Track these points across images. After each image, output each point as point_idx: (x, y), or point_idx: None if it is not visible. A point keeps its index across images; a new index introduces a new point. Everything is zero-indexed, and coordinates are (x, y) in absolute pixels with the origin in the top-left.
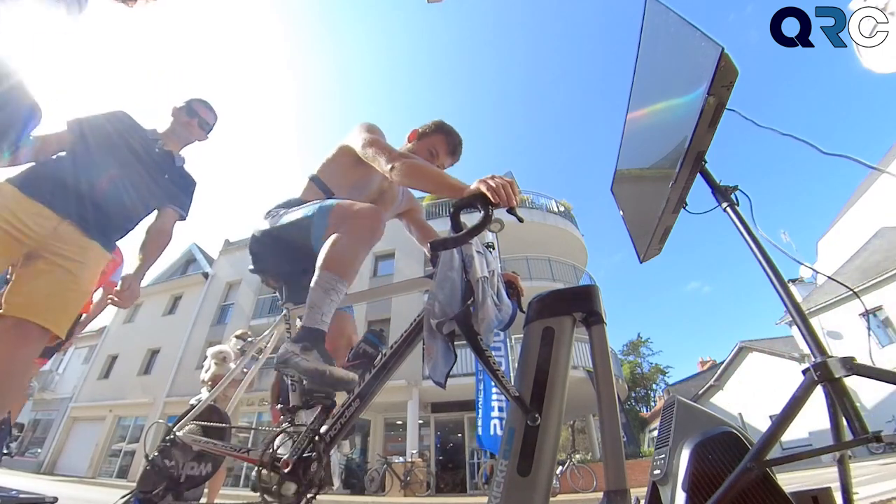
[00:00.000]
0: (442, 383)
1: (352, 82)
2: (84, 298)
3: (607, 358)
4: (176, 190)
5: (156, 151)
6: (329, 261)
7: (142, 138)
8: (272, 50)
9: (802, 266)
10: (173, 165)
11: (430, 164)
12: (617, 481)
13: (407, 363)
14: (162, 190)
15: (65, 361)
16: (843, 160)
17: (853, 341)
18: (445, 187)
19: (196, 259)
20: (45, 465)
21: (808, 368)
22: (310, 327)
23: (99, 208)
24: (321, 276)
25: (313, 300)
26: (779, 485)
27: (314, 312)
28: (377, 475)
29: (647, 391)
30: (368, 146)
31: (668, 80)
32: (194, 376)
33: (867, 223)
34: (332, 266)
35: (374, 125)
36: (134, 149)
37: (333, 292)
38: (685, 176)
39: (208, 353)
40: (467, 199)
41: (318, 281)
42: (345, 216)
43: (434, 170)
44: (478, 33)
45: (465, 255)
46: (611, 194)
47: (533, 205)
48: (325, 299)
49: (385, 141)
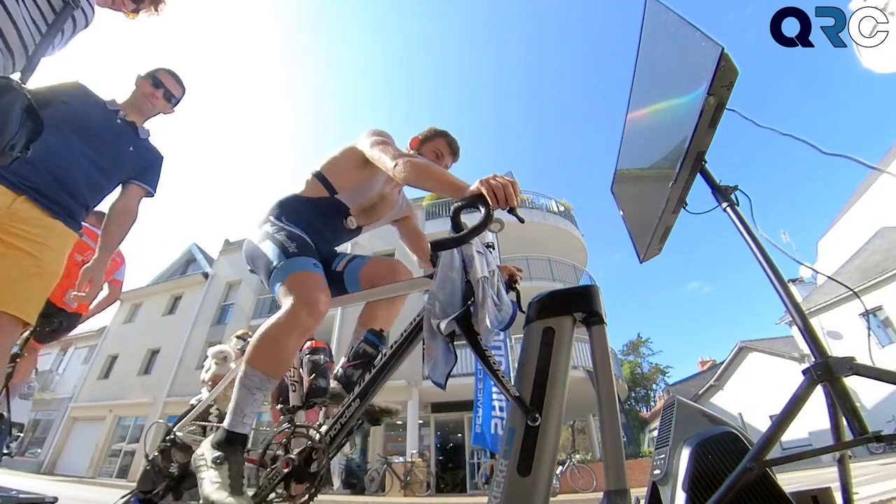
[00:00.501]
0: (442, 384)
1: (350, 82)
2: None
3: (607, 358)
4: (142, 164)
5: (117, 122)
6: (255, 356)
7: (100, 108)
8: (272, 50)
9: (802, 266)
10: (138, 138)
11: (433, 163)
12: (617, 481)
13: (407, 363)
14: (127, 164)
15: (65, 361)
16: (843, 160)
17: (853, 341)
18: (449, 186)
19: (196, 259)
20: (45, 465)
21: (808, 368)
22: (231, 431)
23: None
24: (246, 373)
25: (237, 400)
26: (779, 485)
27: (236, 415)
28: (377, 475)
29: (647, 391)
30: (376, 147)
31: (668, 80)
32: (194, 376)
33: (867, 223)
34: (257, 363)
35: (384, 131)
36: (93, 118)
37: (259, 391)
38: (685, 176)
39: (209, 353)
40: (468, 199)
41: (242, 379)
42: (290, 294)
43: (438, 168)
44: (477, 33)
45: (466, 256)
46: (611, 194)
47: (533, 205)
48: (249, 398)
49: (393, 144)
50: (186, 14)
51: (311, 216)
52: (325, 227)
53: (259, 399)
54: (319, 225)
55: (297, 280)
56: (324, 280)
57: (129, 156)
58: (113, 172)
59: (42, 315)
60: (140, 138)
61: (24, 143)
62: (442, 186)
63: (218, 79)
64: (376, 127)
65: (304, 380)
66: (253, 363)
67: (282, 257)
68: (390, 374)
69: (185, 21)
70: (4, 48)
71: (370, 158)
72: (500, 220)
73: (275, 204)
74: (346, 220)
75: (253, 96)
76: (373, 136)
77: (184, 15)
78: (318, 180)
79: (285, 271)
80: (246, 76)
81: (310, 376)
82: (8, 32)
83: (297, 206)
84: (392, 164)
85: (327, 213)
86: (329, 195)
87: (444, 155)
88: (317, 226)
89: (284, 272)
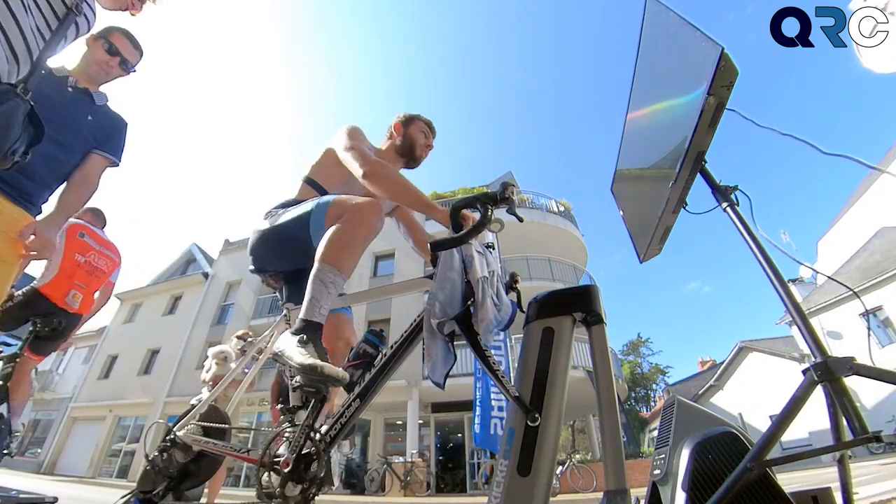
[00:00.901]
0: (441, 384)
1: (349, 81)
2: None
3: (607, 358)
4: (103, 133)
5: (68, 91)
6: (327, 253)
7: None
8: (272, 50)
9: (802, 266)
10: (93, 105)
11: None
12: (617, 481)
13: (407, 363)
14: (86, 134)
15: (65, 361)
16: (843, 160)
17: (853, 341)
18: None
19: (196, 259)
20: (45, 465)
21: (808, 368)
22: (308, 319)
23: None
24: (320, 269)
25: (312, 292)
26: (779, 485)
27: (313, 305)
28: (377, 475)
29: (647, 391)
30: (346, 152)
31: (668, 80)
32: (194, 376)
33: (867, 223)
34: (330, 258)
35: (355, 128)
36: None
37: (332, 285)
38: (685, 176)
39: (209, 353)
40: (468, 199)
41: (316, 273)
42: (343, 209)
43: (408, 185)
44: (477, 32)
45: (466, 256)
46: (611, 194)
47: (533, 205)
48: (324, 292)
49: (364, 145)
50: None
51: None
52: None
53: (332, 293)
54: None
55: (343, 199)
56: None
57: (88, 125)
58: (72, 145)
59: (42, 315)
60: (97, 105)
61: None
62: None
63: (218, 79)
64: (350, 125)
65: None
66: (327, 259)
67: (311, 203)
68: (390, 374)
69: (185, 21)
70: (11, 55)
71: (343, 162)
72: (500, 220)
73: (274, 205)
74: None
75: (253, 96)
76: (344, 140)
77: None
78: (308, 184)
79: (324, 205)
80: (246, 76)
81: None
82: (15, 40)
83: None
84: (360, 171)
85: None
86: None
87: (429, 133)
88: None
89: (324, 206)
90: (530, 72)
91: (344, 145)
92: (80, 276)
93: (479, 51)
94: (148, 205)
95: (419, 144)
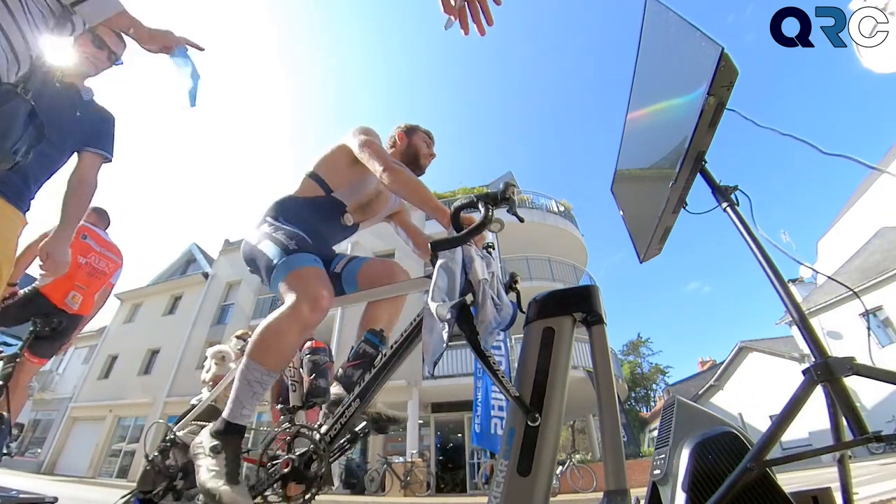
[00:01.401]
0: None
1: (348, 81)
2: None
3: (607, 358)
4: (92, 129)
5: (55, 85)
6: (257, 349)
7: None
8: (272, 50)
9: (802, 266)
10: (81, 100)
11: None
12: (617, 481)
13: (407, 363)
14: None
15: (65, 361)
16: (843, 160)
17: (853, 341)
18: (430, 205)
19: (196, 259)
20: (45, 465)
21: (808, 368)
22: (230, 422)
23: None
24: (247, 366)
25: (237, 392)
26: (779, 485)
27: (236, 407)
28: (377, 475)
29: (647, 391)
30: (365, 148)
31: (668, 80)
32: (194, 376)
33: (867, 223)
34: (258, 355)
35: (370, 128)
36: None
37: (258, 384)
38: (685, 176)
39: (208, 354)
40: (469, 199)
41: (243, 371)
42: (296, 290)
43: (424, 187)
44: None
45: (466, 256)
46: (611, 194)
47: (533, 205)
48: (249, 392)
49: (380, 145)
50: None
51: (308, 216)
52: (322, 227)
53: (259, 393)
54: (317, 224)
55: (299, 276)
56: (325, 275)
57: (76, 121)
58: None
59: (42, 315)
60: (84, 100)
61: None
62: (424, 203)
63: (218, 79)
64: (363, 125)
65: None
66: (254, 356)
67: (282, 255)
68: (390, 375)
69: (185, 20)
70: (11, 54)
71: (359, 158)
72: (500, 220)
73: (271, 205)
74: (342, 217)
75: (253, 96)
76: (361, 136)
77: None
78: (313, 180)
79: (286, 268)
80: (246, 76)
81: (310, 376)
82: (15, 40)
83: (295, 207)
84: (381, 169)
85: (324, 212)
86: (325, 194)
87: (429, 145)
88: (314, 225)
89: (285, 269)
90: (530, 71)
91: (361, 143)
92: (80, 277)
93: (480, 50)
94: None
95: (423, 153)
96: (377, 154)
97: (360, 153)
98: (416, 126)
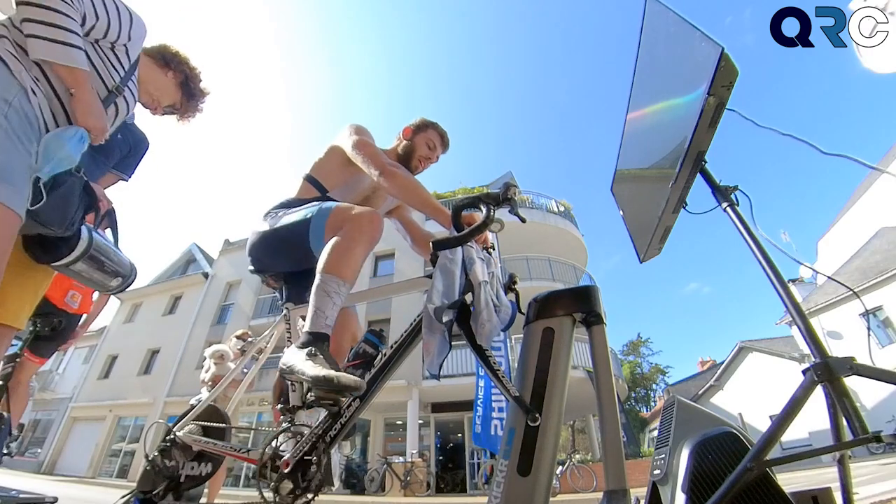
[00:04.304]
0: (436, 374)
1: (348, 81)
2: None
3: (607, 358)
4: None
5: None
6: (329, 263)
7: None
8: (272, 50)
9: (802, 266)
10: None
11: (416, 181)
12: (617, 481)
13: (407, 363)
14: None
15: (65, 361)
16: (843, 160)
17: (853, 341)
18: (429, 207)
19: (196, 259)
20: (45, 465)
21: (808, 368)
22: (314, 332)
23: None
24: (323, 280)
25: (316, 304)
26: (779, 485)
27: (318, 317)
28: (377, 475)
29: (647, 391)
30: (358, 150)
31: (668, 80)
32: (194, 376)
33: (867, 223)
34: (332, 269)
35: (362, 127)
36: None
37: (336, 295)
38: (685, 176)
39: (206, 354)
40: (469, 199)
41: (319, 284)
42: (343, 219)
43: (423, 189)
44: (478, 32)
45: (466, 257)
46: (611, 194)
47: (533, 205)
48: (328, 302)
49: (373, 144)
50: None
51: None
52: None
53: (337, 303)
54: None
55: (341, 208)
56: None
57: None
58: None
59: (41, 314)
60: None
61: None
62: (422, 205)
63: (218, 79)
64: (356, 123)
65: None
66: (329, 270)
67: (312, 209)
68: (390, 374)
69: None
70: None
71: (352, 159)
72: (501, 220)
73: (274, 205)
74: None
75: (253, 96)
76: (353, 136)
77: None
78: (309, 182)
79: (324, 212)
80: (246, 76)
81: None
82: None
83: (295, 207)
84: (377, 173)
85: None
86: (321, 195)
87: (437, 146)
88: None
89: (324, 213)
90: (531, 71)
91: (354, 144)
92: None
93: (480, 50)
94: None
95: (416, 155)
96: (371, 156)
97: (354, 155)
98: (430, 124)
